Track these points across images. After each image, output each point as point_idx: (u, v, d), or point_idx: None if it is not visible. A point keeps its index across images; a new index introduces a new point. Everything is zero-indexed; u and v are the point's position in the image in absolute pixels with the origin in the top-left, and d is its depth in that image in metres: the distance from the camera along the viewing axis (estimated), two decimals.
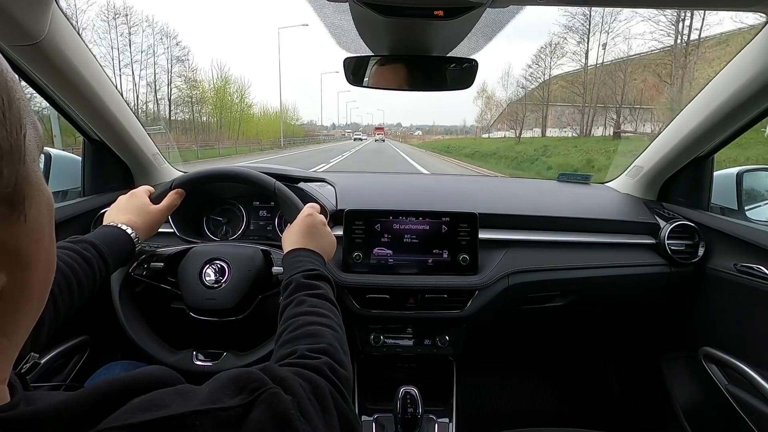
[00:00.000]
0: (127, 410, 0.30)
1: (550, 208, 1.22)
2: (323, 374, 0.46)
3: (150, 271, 0.88)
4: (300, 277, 0.67)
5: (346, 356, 0.55)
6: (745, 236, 1.03)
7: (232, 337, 0.94)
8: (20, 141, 0.27)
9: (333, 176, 1.27)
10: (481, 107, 43.60)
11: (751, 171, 1.29)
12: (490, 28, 0.87)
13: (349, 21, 0.81)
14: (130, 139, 1.13)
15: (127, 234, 0.78)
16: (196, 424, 0.30)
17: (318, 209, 0.85)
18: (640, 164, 1.31)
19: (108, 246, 0.72)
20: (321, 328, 0.57)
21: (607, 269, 1.12)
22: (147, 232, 0.83)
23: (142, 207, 0.84)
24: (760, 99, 0.90)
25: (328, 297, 0.66)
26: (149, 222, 0.84)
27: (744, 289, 1.01)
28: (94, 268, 0.68)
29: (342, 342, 0.57)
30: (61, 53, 0.81)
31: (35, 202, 0.29)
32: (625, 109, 22.57)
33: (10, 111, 0.26)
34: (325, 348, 0.52)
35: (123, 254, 0.78)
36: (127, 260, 0.81)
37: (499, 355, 1.56)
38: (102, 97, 0.97)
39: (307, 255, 0.74)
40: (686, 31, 19.48)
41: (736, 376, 1.04)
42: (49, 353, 1.00)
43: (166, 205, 0.88)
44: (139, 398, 0.31)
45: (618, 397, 1.48)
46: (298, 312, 0.60)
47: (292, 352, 0.50)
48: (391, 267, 1.06)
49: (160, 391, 0.33)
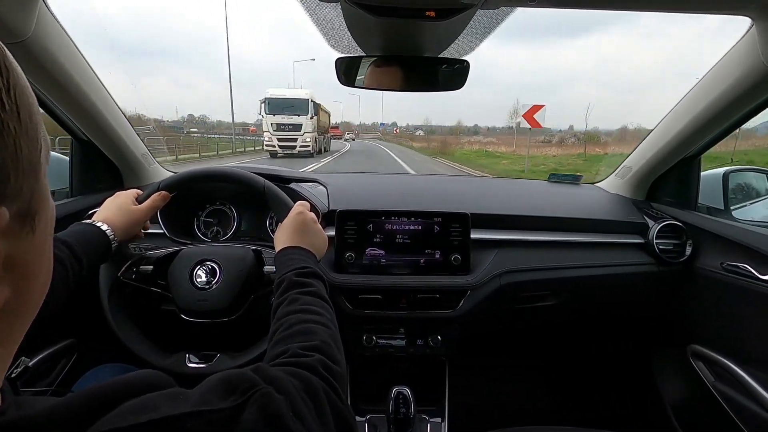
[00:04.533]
0: (117, 414, 0.29)
1: (541, 208, 1.23)
2: (316, 372, 0.46)
3: (139, 274, 0.87)
4: (292, 275, 0.67)
5: (340, 353, 0.54)
6: (731, 236, 1.05)
7: (225, 339, 0.93)
8: (38, 156, 0.28)
9: (325, 176, 1.27)
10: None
11: (737, 171, 1.31)
12: (481, 28, 0.87)
13: (341, 21, 0.81)
14: (119, 138, 1.11)
15: (101, 230, 0.76)
16: (188, 427, 0.30)
17: (308, 207, 0.85)
18: (629, 165, 1.32)
19: (81, 244, 0.70)
20: (314, 325, 0.57)
21: (597, 268, 1.14)
22: (125, 231, 0.81)
23: (122, 206, 0.83)
24: (746, 100, 0.92)
25: (320, 294, 0.65)
26: (128, 221, 0.81)
27: (730, 288, 1.03)
28: (67, 266, 0.66)
29: (335, 339, 0.57)
30: (47, 52, 0.80)
31: (43, 215, 0.30)
32: None
33: (31, 126, 0.27)
34: (317, 345, 0.52)
35: (98, 252, 0.75)
36: (103, 258, 0.78)
37: (491, 354, 1.56)
38: (90, 96, 0.96)
39: (299, 253, 0.73)
40: None
41: (723, 373, 1.06)
42: (35, 357, 0.99)
43: (148, 206, 0.86)
44: (129, 402, 0.31)
45: (608, 395, 1.50)
46: (290, 310, 0.60)
47: (284, 351, 0.50)
48: (384, 267, 1.06)
49: (150, 395, 0.32)
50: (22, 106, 0.26)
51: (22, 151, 0.26)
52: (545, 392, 1.60)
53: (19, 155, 0.25)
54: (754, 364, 0.99)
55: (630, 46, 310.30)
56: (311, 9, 0.81)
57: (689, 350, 1.16)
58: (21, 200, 0.27)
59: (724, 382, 1.06)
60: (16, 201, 0.26)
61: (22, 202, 0.27)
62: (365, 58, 0.96)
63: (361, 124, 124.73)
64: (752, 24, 0.80)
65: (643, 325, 1.36)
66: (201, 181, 0.97)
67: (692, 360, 1.15)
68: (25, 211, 0.27)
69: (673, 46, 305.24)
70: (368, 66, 0.97)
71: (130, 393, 0.32)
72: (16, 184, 0.26)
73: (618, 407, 1.46)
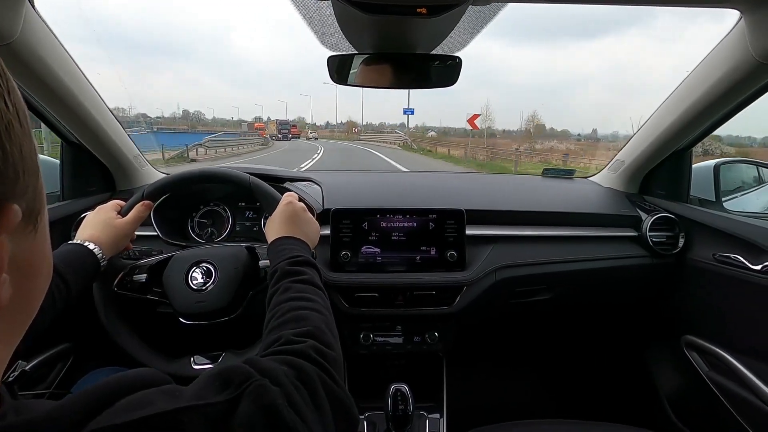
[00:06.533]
0: (112, 411, 0.29)
1: (535, 203, 1.24)
2: (309, 358, 0.46)
3: (134, 284, 0.85)
4: (285, 264, 0.66)
5: (333, 338, 0.54)
6: (722, 227, 1.06)
7: (228, 337, 0.92)
8: (36, 156, 0.28)
9: (319, 175, 1.26)
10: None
11: (728, 163, 1.32)
12: (473, 25, 0.87)
13: (333, 19, 0.81)
14: (110, 141, 1.10)
15: (88, 250, 0.74)
16: (184, 421, 0.30)
17: (297, 197, 0.84)
18: (621, 158, 1.33)
19: (68, 265, 0.69)
20: (307, 312, 0.57)
21: (591, 262, 1.15)
22: (113, 246, 0.79)
23: (106, 221, 0.80)
24: (735, 93, 0.93)
25: (313, 282, 0.65)
26: (114, 236, 0.79)
27: (722, 278, 1.04)
28: (53, 290, 0.64)
29: (329, 324, 0.57)
30: (35, 54, 0.79)
31: (43, 215, 0.30)
32: None
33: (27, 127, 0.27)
34: (310, 331, 0.52)
35: (87, 272, 0.73)
36: (92, 278, 0.77)
37: (488, 350, 1.57)
38: (79, 98, 0.94)
39: (291, 243, 0.73)
40: None
41: (716, 363, 1.07)
42: (32, 361, 0.98)
43: (133, 218, 0.83)
44: (125, 399, 0.31)
45: (604, 388, 1.51)
46: (283, 299, 0.60)
47: (277, 339, 0.50)
48: (380, 265, 1.06)
49: (145, 391, 0.32)
50: (20, 108, 0.26)
51: (25, 151, 0.26)
52: (542, 386, 1.62)
53: (24, 154, 0.26)
54: (747, 352, 1.00)
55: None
56: (302, 7, 0.80)
57: (683, 341, 1.18)
58: (28, 199, 0.27)
59: (718, 372, 1.07)
60: (24, 199, 0.27)
61: (28, 200, 0.27)
62: (357, 56, 0.95)
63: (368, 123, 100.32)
64: (740, 17, 0.81)
65: (637, 317, 1.37)
66: (185, 185, 0.94)
67: (686, 350, 1.17)
68: (30, 210, 0.27)
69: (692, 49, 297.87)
70: (360, 63, 0.97)
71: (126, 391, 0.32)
72: (23, 182, 0.26)
73: (614, 399, 1.47)
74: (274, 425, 0.34)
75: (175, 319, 0.85)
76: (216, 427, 0.32)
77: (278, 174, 1.16)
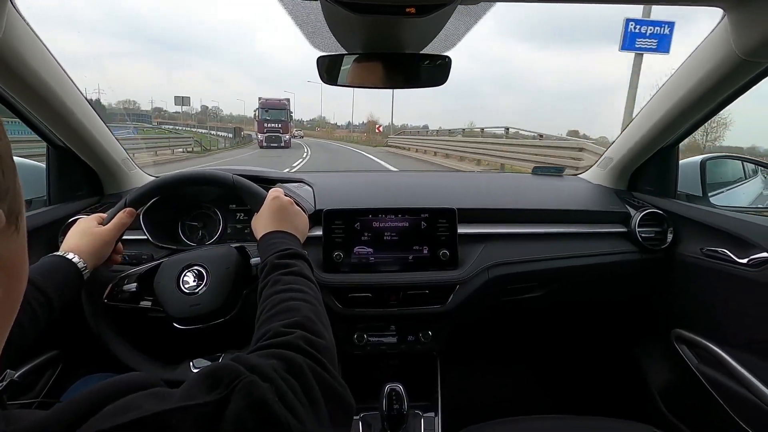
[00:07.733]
0: (99, 417, 0.29)
1: (526, 201, 1.24)
2: (299, 349, 0.45)
3: (124, 294, 0.84)
4: (274, 258, 0.66)
5: (324, 327, 0.54)
6: (709, 221, 1.08)
7: (227, 338, 0.91)
8: (12, 157, 0.28)
9: (311, 176, 1.26)
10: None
11: (714, 159, 1.35)
12: (462, 24, 0.87)
13: (321, 19, 0.80)
14: (97, 144, 1.09)
15: (68, 260, 0.71)
16: (173, 423, 0.30)
17: (282, 192, 0.83)
18: (610, 155, 1.35)
19: (48, 279, 0.66)
20: (296, 302, 0.56)
21: (581, 258, 1.16)
22: (95, 256, 0.76)
23: (87, 230, 0.78)
24: (719, 90, 0.94)
25: (303, 273, 0.65)
26: (95, 244, 0.76)
27: (710, 272, 1.06)
28: (34, 306, 0.62)
29: (319, 314, 0.56)
30: (18, 56, 0.77)
31: (23, 213, 0.30)
32: None
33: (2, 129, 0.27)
34: (299, 321, 0.51)
35: (68, 284, 0.70)
36: (77, 289, 0.74)
37: (482, 348, 1.58)
38: (65, 100, 0.93)
39: (280, 236, 0.73)
40: None
41: (705, 356, 1.09)
42: (20, 370, 0.96)
43: (115, 225, 0.80)
44: (112, 404, 0.30)
45: (598, 383, 1.53)
46: (272, 292, 0.59)
47: (266, 332, 0.50)
48: (373, 265, 1.06)
49: (134, 395, 0.32)
50: None
51: (3, 151, 0.26)
52: (535, 382, 1.63)
53: (2, 154, 0.26)
54: (735, 345, 1.02)
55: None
56: (290, 8, 0.80)
57: (673, 335, 1.19)
58: (9, 199, 0.27)
59: (707, 364, 1.09)
60: (6, 200, 0.26)
61: (9, 201, 0.27)
62: (347, 56, 0.95)
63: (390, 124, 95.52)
64: (724, 15, 0.82)
65: (628, 312, 1.39)
66: (167, 190, 0.93)
67: (676, 344, 1.18)
68: (11, 210, 0.27)
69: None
70: (350, 63, 0.96)
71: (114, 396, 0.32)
72: (4, 183, 0.26)
73: (607, 394, 1.49)
74: (265, 421, 0.34)
75: (170, 325, 0.84)
76: (206, 427, 0.31)
77: (269, 175, 1.15)
